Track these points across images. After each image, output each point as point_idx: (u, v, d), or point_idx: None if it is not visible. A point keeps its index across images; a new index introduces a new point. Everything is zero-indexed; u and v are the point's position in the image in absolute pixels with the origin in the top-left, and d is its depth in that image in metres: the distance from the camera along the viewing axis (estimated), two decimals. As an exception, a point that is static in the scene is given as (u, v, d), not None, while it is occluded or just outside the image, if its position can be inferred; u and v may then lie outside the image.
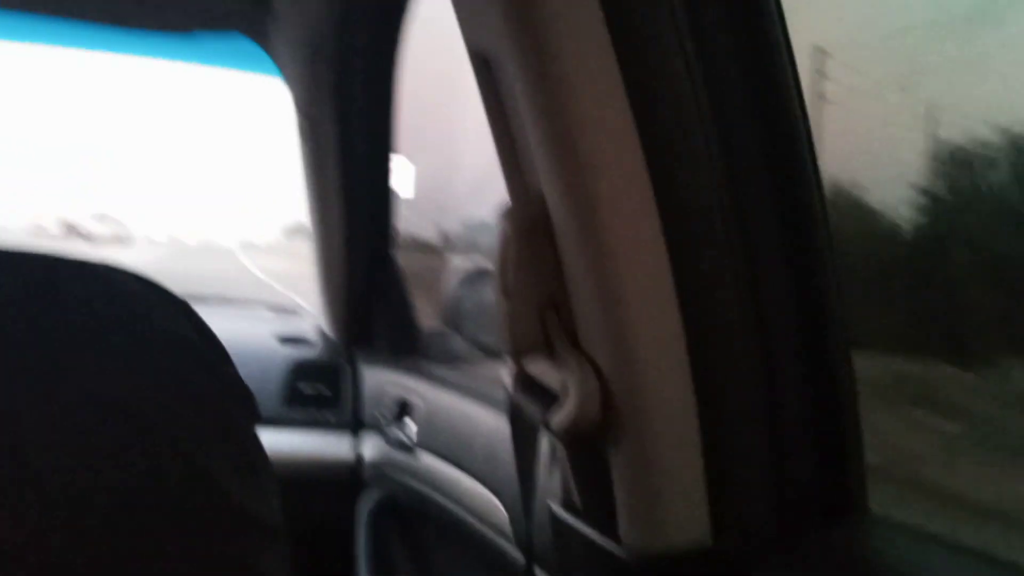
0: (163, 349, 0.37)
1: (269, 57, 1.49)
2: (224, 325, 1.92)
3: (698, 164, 0.60)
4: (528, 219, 0.63)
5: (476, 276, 1.28)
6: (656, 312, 0.59)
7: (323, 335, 1.77)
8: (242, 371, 1.41)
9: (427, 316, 1.72)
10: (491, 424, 1.13)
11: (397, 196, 1.64)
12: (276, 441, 1.57)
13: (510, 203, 0.67)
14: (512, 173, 0.67)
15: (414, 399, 1.42)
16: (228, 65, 1.59)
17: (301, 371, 1.64)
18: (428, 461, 1.33)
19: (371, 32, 1.34)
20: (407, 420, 1.41)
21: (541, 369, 0.65)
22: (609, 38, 0.58)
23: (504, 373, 0.69)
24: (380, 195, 1.61)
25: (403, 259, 1.72)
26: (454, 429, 1.27)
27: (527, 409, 0.66)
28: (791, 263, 0.62)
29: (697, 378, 0.60)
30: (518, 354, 0.66)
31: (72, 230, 35.65)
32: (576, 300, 0.62)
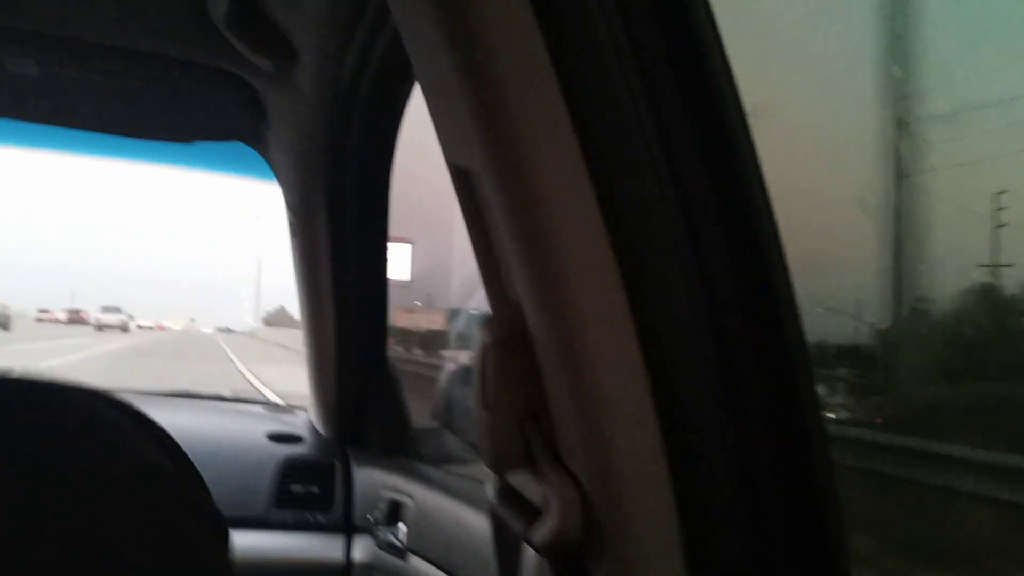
0: (138, 481, 0.37)
1: (265, 161, 1.53)
2: (215, 422, 1.90)
3: (674, 277, 0.61)
4: (507, 330, 0.64)
5: (468, 371, 1.28)
6: (635, 424, 0.59)
7: (315, 432, 1.76)
8: (232, 470, 1.40)
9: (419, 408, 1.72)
10: (483, 529, 1.11)
11: (389, 294, 1.65)
12: (267, 543, 1.53)
13: (489, 313, 0.68)
14: (492, 283, 0.68)
15: (406, 500, 1.40)
16: (223, 170, 1.64)
17: (292, 470, 1.61)
18: (419, 566, 1.30)
19: (365, 134, 1.38)
20: (399, 523, 1.38)
21: (523, 482, 0.65)
22: (582, 154, 0.60)
23: (487, 485, 0.69)
24: (373, 293, 1.63)
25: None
26: (445, 533, 1.25)
27: (509, 523, 0.65)
28: (767, 372, 0.62)
29: (677, 490, 0.59)
30: (500, 467, 0.65)
31: (75, 318, 36.73)
32: (556, 412, 0.62)
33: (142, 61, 1.28)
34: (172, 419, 1.94)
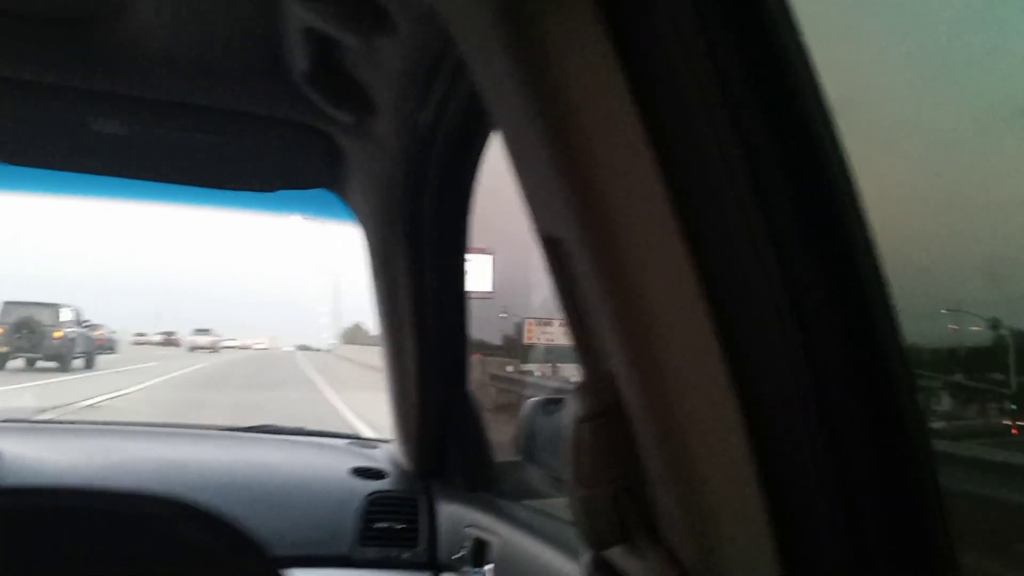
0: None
1: (346, 205, 1.56)
2: (299, 458, 1.94)
3: (773, 343, 0.59)
4: (601, 402, 0.63)
5: (551, 402, 1.27)
6: (736, 496, 0.57)
7: (398, 467, 1.77)
8: (316, 508, 1.42)
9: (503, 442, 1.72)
10: (570, 573, 1.09)
11: (470, 331, 1.66)
12: None
13: (583, 383, 0.67)
14: (585, 354, 0.67)
15: (491, 539, 1.39)
16: (308, 214, 1.68)
17: (376, 506, 1.63)
18: None
19: (442, 180, 1.40)
20: (484, 563, 1.38)
21: (619, 556, 0.63)
22: (675, 220, 0.58)
23: (581, 556, 0.68)
24: (454, 329, 1.64)
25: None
26: (530, 572, 1.24)
27: None
28: (871, 419, 0.59)
29: (782, 563, 0.57)
30: (595, 542, 0.64)
31: (169, 340, 38.77)
32: (653, 486, 0.61)
33: (225, 117, 1.32)
34: (253, 456, 1.98)
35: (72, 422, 2.40)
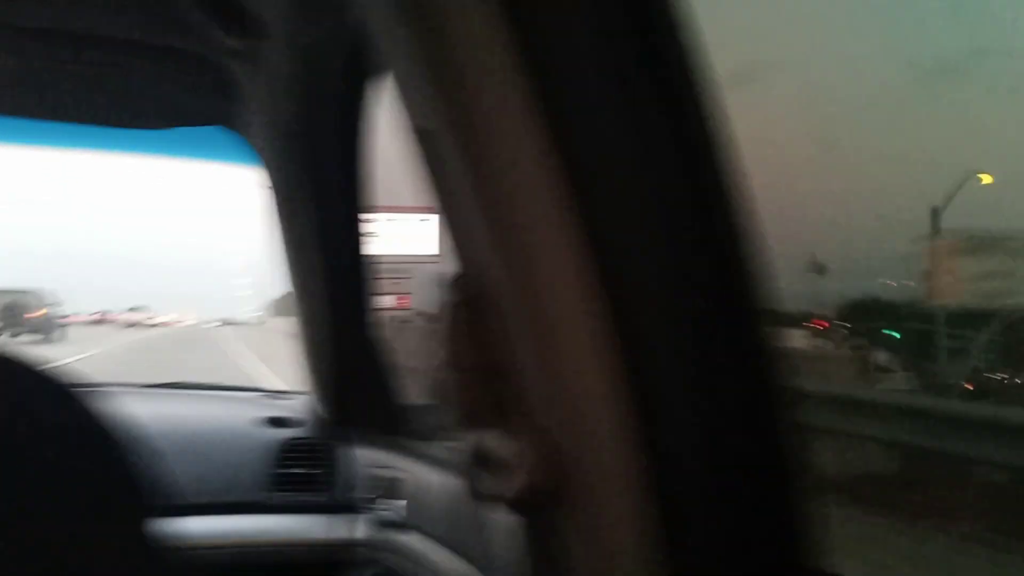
0: (44, 440, 0.37)
1: (246, 143, 1.53)
2: (214, 411, 1.91)
3: (631, 223, 0.60)
4: (473, 289, 0.64)
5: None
6: (598, 377, 0.59)
7: (312, 415, 1.76)
8: (231, 457, 1.40)
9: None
10: None
11: (373, 270, 1.65)
12: (270, 525, 1.55)
13: (456, 273, 0.67)
14: (457, 244, 0.68)
15: (403, 477, 1.40)
16: (206, 157, 1.63)
17: (292, 452, 1.62)
18: (420, 540, 1.30)
19: (342, 109, 1.37)
20: (396, 499, 1.39)
21: (492, 440, 0.64)
22: (543, 120, 0.59)
23: (459, 445, 0.69)
24: (359, 270, 1.62)
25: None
26: (444, 506, 1.25)
27: (481, 481, 0.65)
28: (734, 320, 0.61)
29: (643, 443, 0.59)
30: (470, 425, 0.65)
31: (103, 319, 37.49)
32: (523, 370, 0.62)
33: (112, 46, 1.27)
34: (169, 410, 1.95)
35: None
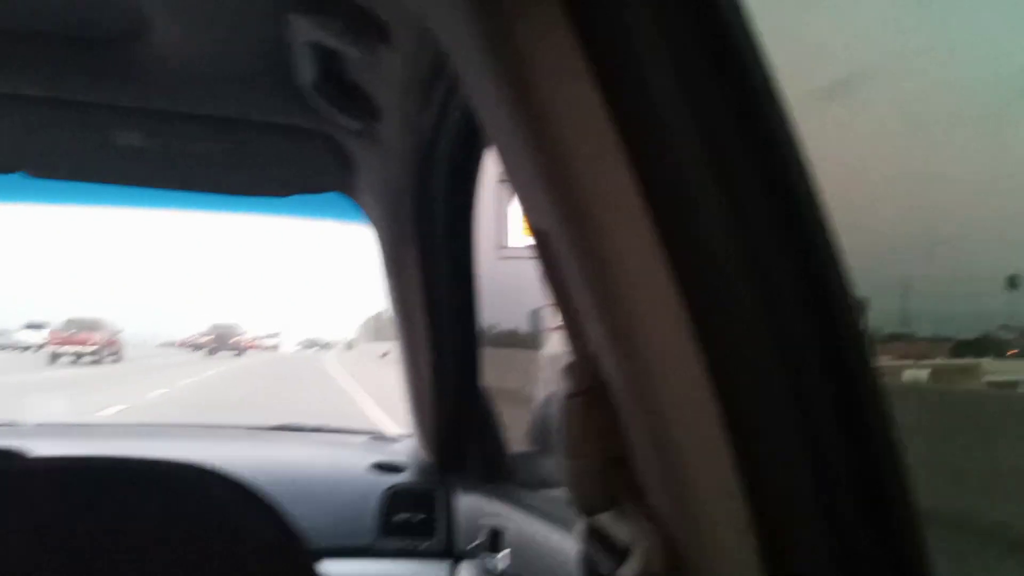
0: (253, 557, 0.42)
1: (358, 207, 1.63)
2: (321, 454, 2.01)
3: (742, 322, 0.63)
4: (587, 379, 0.68)
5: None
6: (712, 465, 0.62)
7: (417, 461, 1.83)
8: (338, 502, 1.49)
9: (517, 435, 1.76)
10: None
11: (480, 325, 1.72)
12: (374, 571, 1.61)
13: (571, 363, 0.72)
14: (572, 336, 0.72)
15: (507, 527, 1.44)
16: (321, 216, 1.75)
17: (396, 499, 1.69)
18: None
19: (449, 181, 1.46)
20: (499, 550, 1.43)
21: (610, 524, 0.68)
22: (645, 213, 0.63)
23: (575, 528, 0.73)
24: (465, 324, 1.69)
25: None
26: (545, 559, 1.29)
27: (598, 562, 0.69)
28: (839, 393, 0.64)
29: (757, 527, 0.62)
30: (586, 511, 0.69)
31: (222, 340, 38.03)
32: (637, 457, 0.66)
33: (239, 126, 1.39)
34: (277, 454, 2.06)
35: (100, 424, 2.48)
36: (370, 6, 0.96)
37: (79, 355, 23.95)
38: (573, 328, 0.72)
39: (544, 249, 0.72)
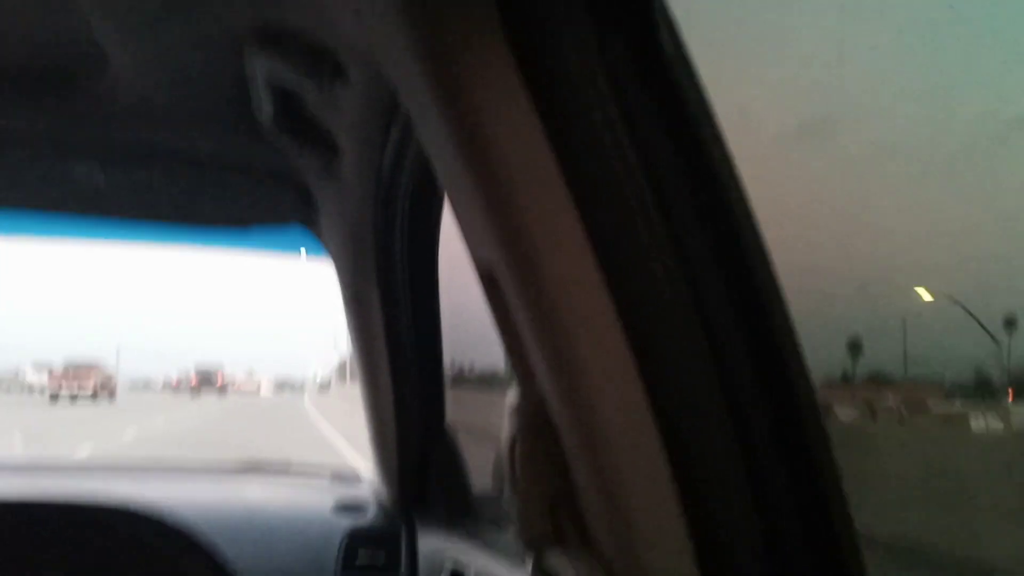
0: None
1: (318, 241, 1.62)
2: (282, 495, 1.97)
3: (685, 359, 0.64)
4: (535, 417, 0.68)
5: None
6: (655, 504, 0.62)
7: (380, 502, 1.80)
8: (299, 543, 1.46)
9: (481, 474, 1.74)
10: None
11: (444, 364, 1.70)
12: None
13: (517, 403, 0.72)
14: (519, 374, 0.72)
15: (468, 566, 1.42)
16: (280, 250, 1.74)
17: (358, 539, 1.66)
18: None
19: (410, 217, 1.45)
20: (461, 589, 1.41)
21: (556, 560, 0.67)
22: (589, 248, 0.64)
23: (525, 568, 0.72)
24: (429, 362, 1.68)
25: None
26: None
27: None
28: (783, 431, 0.64)
29: (700, 564, 0.61)
30: (532, 546, 0.68)
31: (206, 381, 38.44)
32: (582, 495, 0.65)
33: (199, 161, 1.39)
34: (239, 494, 2.01)
35: (57, 465, 2.43)
36: (326, 44, 0.97)
37: (75, 397, 27.29)
38: (521, 367, 0.72)
39: (490, 287, 0.72)
